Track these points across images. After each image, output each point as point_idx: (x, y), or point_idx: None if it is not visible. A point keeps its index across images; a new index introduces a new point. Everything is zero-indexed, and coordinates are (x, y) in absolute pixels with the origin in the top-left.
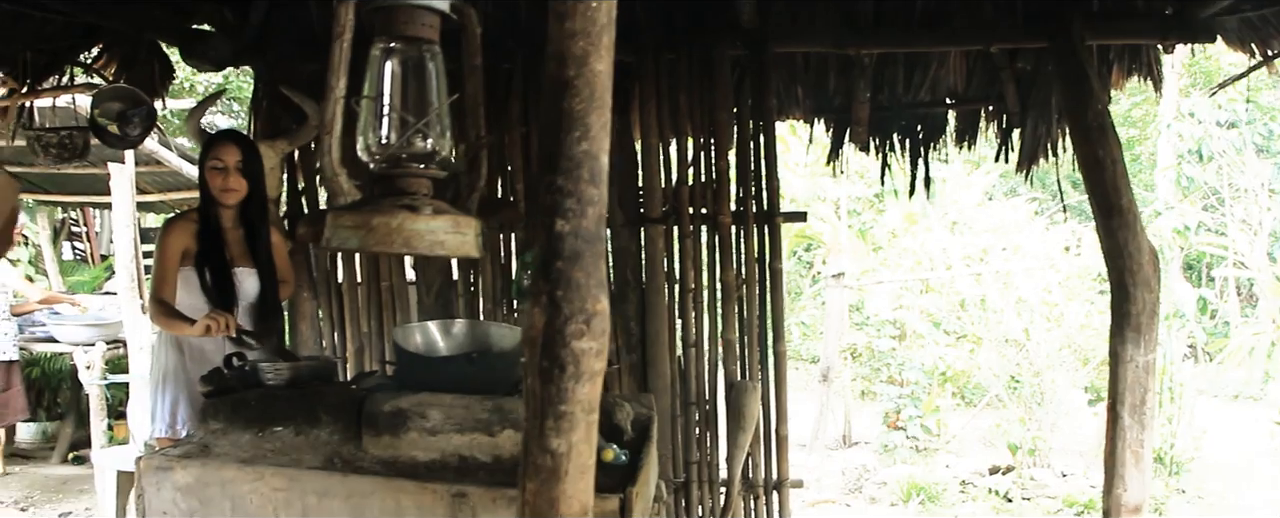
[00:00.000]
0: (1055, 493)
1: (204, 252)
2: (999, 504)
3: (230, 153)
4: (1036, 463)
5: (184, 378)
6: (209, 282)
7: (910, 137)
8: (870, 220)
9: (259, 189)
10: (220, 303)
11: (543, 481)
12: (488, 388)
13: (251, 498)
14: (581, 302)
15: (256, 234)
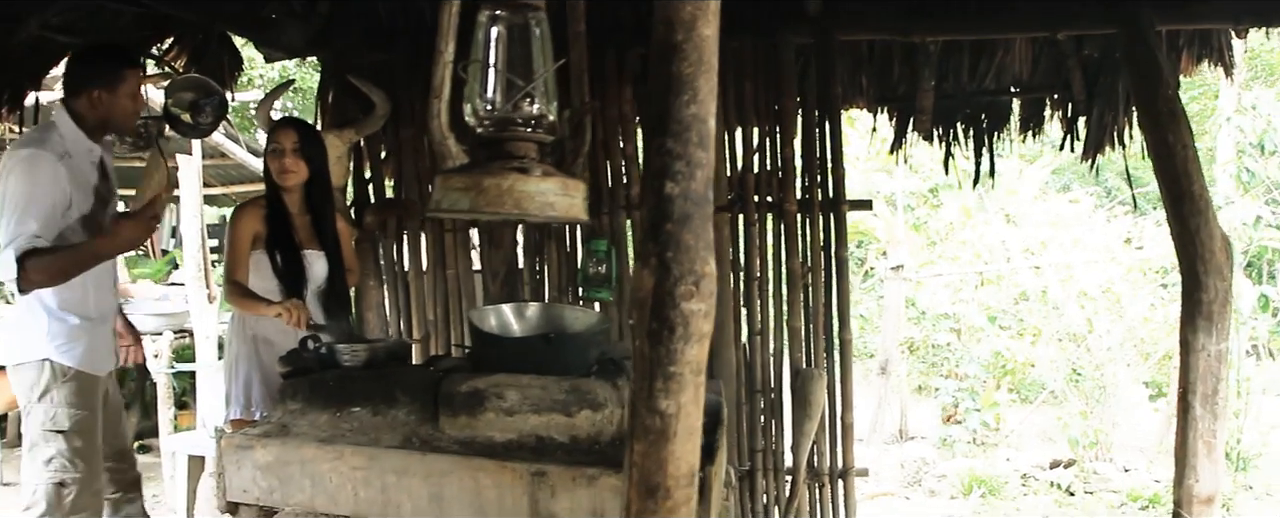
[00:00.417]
0: (1119, 488)
1: (273, 235)
2: (1061, 498)
3: (287, 136)
4: (1098, 457)
5: (256, 361)
6: (280, 265)
7: (974, 125)
8: (925, 215)
9: (320, 173)
10: (291, 285)
11: (651, 442)
12: (563, 369)
13: (330, 477)
14: (690, 263)
15: (321, 217)
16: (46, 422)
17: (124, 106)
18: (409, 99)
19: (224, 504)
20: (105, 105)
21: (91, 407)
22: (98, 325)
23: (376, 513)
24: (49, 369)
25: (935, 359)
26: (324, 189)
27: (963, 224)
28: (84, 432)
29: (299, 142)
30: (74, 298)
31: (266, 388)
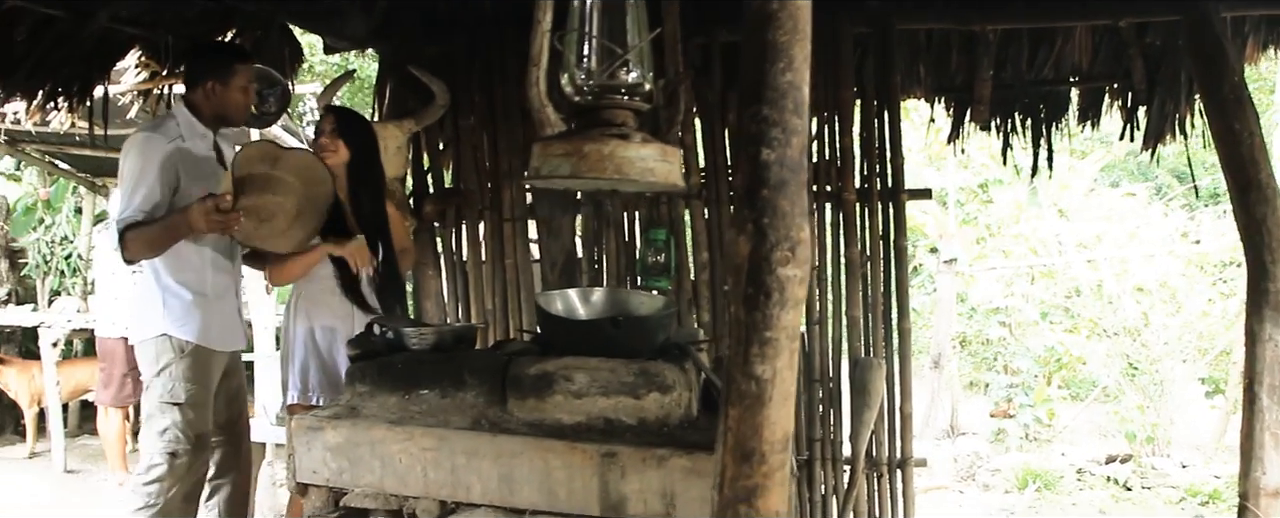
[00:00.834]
0: (1177, 483)
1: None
2: (1118, 494)
3: (327, 120)
4: (1155, 453)
5: (313, 346)
6: None
7: (1032, 116)
8: (975, 211)
9: (362, 157)
10: (346, 266)
11: (747, 407)
12: (630, 353)
13: (400, 458)
14: (786, 229)
15: (365, 200)
16: (164, 394)
17: (236, 99)
18: (468, 90)
19: (294, 486)
20: (218, 97)
21: (206, 382)
22: (214, 303)
23: (446, 494)
24: (167, 344)
25: (987, 354)
26: (367, 173)
27: (1015, 219)
28: (197, 405)
29: (337, 124)
30: (190, 275)
31: (324, 374)
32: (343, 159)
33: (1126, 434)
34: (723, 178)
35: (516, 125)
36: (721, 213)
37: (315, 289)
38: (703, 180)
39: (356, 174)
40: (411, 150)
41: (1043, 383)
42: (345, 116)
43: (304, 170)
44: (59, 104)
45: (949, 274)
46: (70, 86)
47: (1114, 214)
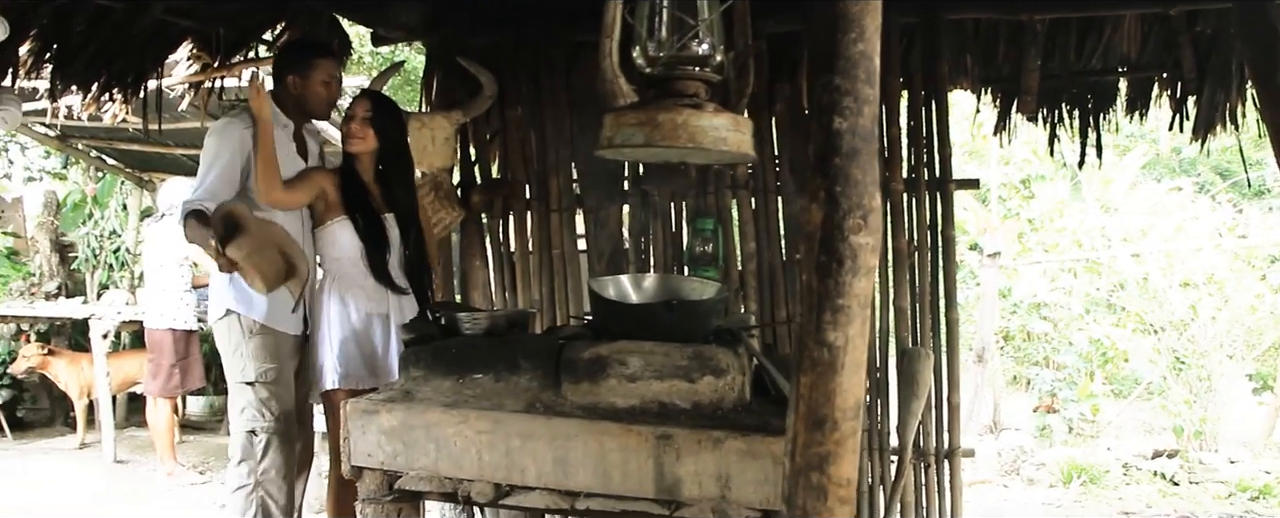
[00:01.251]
0: (1226, 478)
1: (349, 200)
2: (1164, 488)
3: (361, 104)
4: (1203, 448)
5: (349, 329)
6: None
7: (1079, 106)
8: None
9: (392, 145)
10: (375, 249)
11: (819, 374)
12: (683, 337)
13: (455, 440)
14: (858, 197)
15: (393, 184)
16: (237, 373)
17: (316, 92)
18: (515, 81)
19: (348, 469)
20: (299, 91)
21: (277, 361)
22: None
23: (500, 477)
24: (236, 323)
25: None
26: (397, 160)
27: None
28: (270, 383)
29: (372, 112)
30: None
31: (362, 358)
32: (370, 148)
33: (1174, 429)
34: (770, 168)
35: (564, 116)
36: (768, 203)
37: (348, 272)
38: (750, 171)
39: (387, 162)
40: (459, 141)
41: (1087, 378)
42: (380, 105)
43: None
44: (113, 95)
45: (992, 268)
46: (124, 78)
47: (1160, 208)
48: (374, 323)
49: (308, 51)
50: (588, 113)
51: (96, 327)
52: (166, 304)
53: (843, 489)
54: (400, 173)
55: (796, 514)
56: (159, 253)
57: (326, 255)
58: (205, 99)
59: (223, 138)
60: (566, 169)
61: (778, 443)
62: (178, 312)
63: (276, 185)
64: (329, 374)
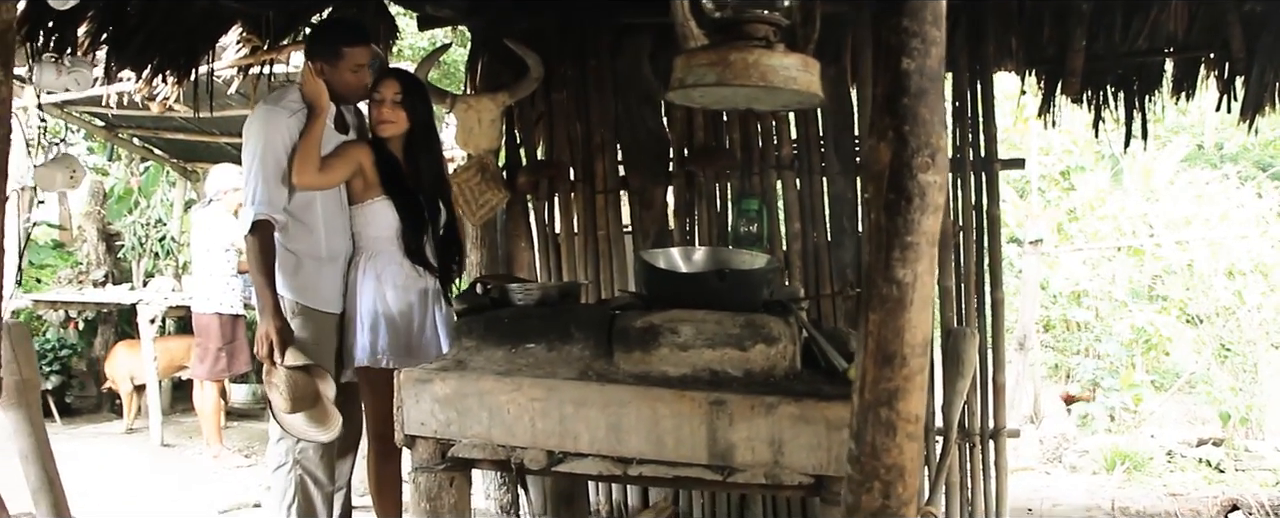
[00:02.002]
0: (1272, 466)
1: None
2: (1210, 475)
3: (389, 86)
4: (1249, 435)
5: (383, 306)
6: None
7: (1125, 88)
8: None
9: (422, 124)
10: (413, 228)
11: (888, 311)
12: (735, 306)
13: (508, 408)
14: (927, 136)
15: (423, 163)
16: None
17: (345, 79)
18: (560, 64)
19: (401, 438)
20: (328, 76)
21: (317, 342)
22: (326, 264)
23: (553, 444)
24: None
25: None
26: (427, 141)
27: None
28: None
29: (403, 93)
30: (305, 241)
31: (393, 337)
32: (402, 130)
33: (1220, 415)
34: (815, 149)
35: (608, 98)
36: (813, 184)
37: (385, 250)
38: (794, 151)
39: (417, 143)
40: (505, 123)
41: (1129, 368)
42: (410, 87)
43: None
44: (165, 78)
45: (1034, 255)
46: (176, 60)
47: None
48: (410, 301)
49: (336, 38)
50: (632, 95)
51: (144, 312)
52: (213, 289)
53: (911, 425)
54: (428, 151)
55: (866, 450)
56: (206, 239)
57: (363, 234)
58: (254, 84)
59: (267, 129)
60: (611, 151)
61: (831, 408)
62: (224, 296)
63: (310, 171)
64: (361, 351)
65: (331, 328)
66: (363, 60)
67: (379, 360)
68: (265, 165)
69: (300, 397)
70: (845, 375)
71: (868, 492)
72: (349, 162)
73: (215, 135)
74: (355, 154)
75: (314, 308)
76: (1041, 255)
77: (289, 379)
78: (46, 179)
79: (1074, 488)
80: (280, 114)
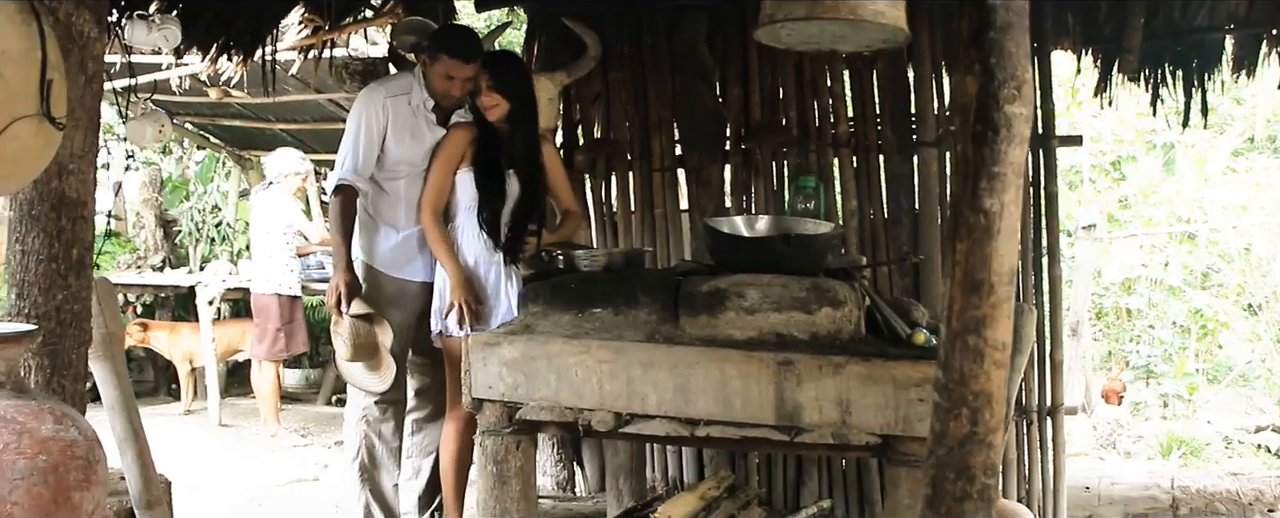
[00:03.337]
0: None
1: (477, 153)
2: (1269, 462)
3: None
4: None
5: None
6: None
7: (1183, 66)
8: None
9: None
10: (486, 201)
11: (975, 240)
12: (800, 270)
13: (576, 370)
14: (1013, 69)
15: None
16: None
17: (437, 81)
18: (618, 43)
19: (469, 401)
20: (426, 70)
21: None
22: (404, 234)
23: (621, 406)
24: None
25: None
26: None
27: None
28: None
29: (492, 78)
30: (385, 211)
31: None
32: (503, 112)
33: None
34: (872, 126)
35: (666, 77)
36: (870, 160)
37: (463, 221)
38: (851, 128)
39: (514, 121)
40: (562, 102)
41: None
42: (497, 67)
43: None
44: (231, 56)
45: (1087, 241)
46: (241, 40)
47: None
48: (485, 273)
49: (442, 43)
50: (689, 73)
51: (202, 294)
52: (273, 270)
53: (999, 353)
54: (521, 128)
55: (954, 378)
56: (266, 220)
57: (452, 202)
58: (315, 67)
59: (359, 111)
60: (669, 129)
61: (899, 368)
62: (283, 277)
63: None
64: (435, 318)
65: (400, 294)
66: (454, 73)
67: (451, 329)
68: (356, 139)
69: (360, 345)
70: (910, 341)
71: (955, 418)
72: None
73: (271, 122)
74: (456, 147)
75: (385, 272)
76: (1094, 242)
77: (351, 327)
78: (137, 133)
79: (1131, 470)
80: (378, 95)
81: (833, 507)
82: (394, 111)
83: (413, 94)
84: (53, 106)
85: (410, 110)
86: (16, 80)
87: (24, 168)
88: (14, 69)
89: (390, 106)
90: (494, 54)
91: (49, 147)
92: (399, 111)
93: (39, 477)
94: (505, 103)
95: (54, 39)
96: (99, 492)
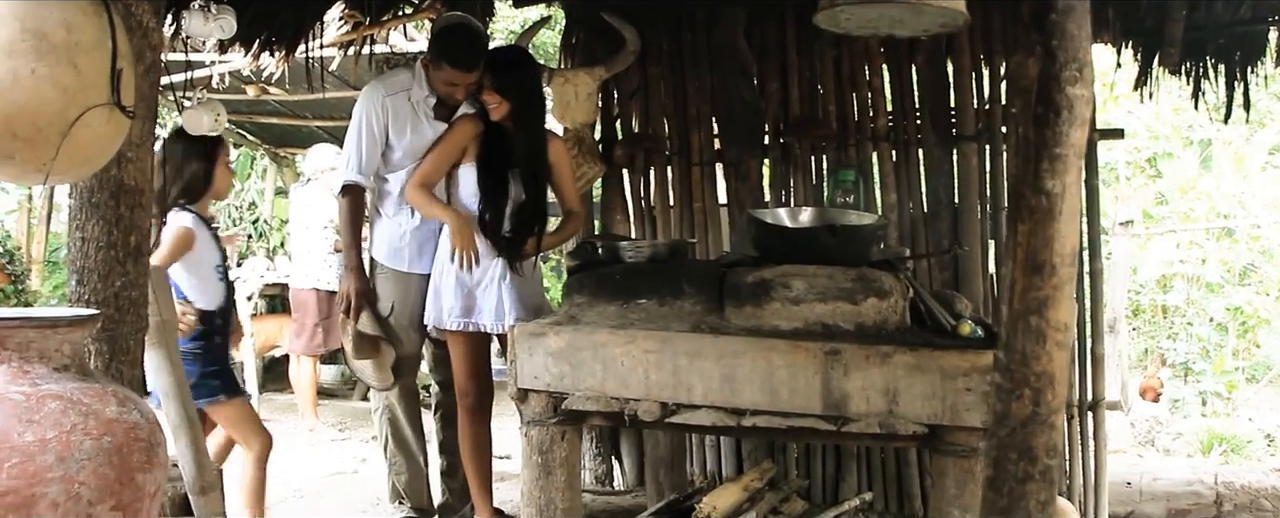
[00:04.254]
0: None
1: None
2: None
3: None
4: None
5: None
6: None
7: (1226, 59)
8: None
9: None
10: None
11: (1037, 221)
12: (845, 261)
13: (622, 360)
14: (1075, 51)
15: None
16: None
17: (439, 85)
18: (656, 38)
19: (514, 392)
20: (430, 72)
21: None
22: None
23: (667, 396)
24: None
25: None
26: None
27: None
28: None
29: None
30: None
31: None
32: (505, 111)
33: None
34: (911, 120)
35: (704, 71)
36: (909, 155)
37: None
38: (890, 122)
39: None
40: (600, 97)
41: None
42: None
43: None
44: (273, 51)
45: (1124, 237)
46: (284, 34)
47: None
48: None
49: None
50: (728, 68)
51: (241, 289)
52: (311, 265)
53: (1060, 334)
54: (524, 128)
55: (1016, 358)
56: (305, 216)
57: (450, 194)
58: (354, 63)
59: (361, 109)
60: (707, 123)
61: (946, 357)
62: (322, 272)
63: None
64: (430, 312)
65: (416, 288)
66: (454, 80)
67: (443, 322)
68: (358, 138)
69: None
70: (955, 332)
71: (1017, 399)
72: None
73: (307, 119)
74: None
75: (398, 269)
76: (1132, 238)
77: (355, 338)
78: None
79: (1173, 466)
80: (377, 94)
81: (873, 501)
82: (394, 109)
83: (412, 90)
84: (123, 95)
85: (410, 106)
86: (89, 70)
87: (96, 155)
88: (87, 59)
89: (389, 104)
90: (497, 51)
91: (119, 134)
92: (399, 108)
93: (104, 458)
94: (506, 103)
95: (123, 29)
96: (160, 474)
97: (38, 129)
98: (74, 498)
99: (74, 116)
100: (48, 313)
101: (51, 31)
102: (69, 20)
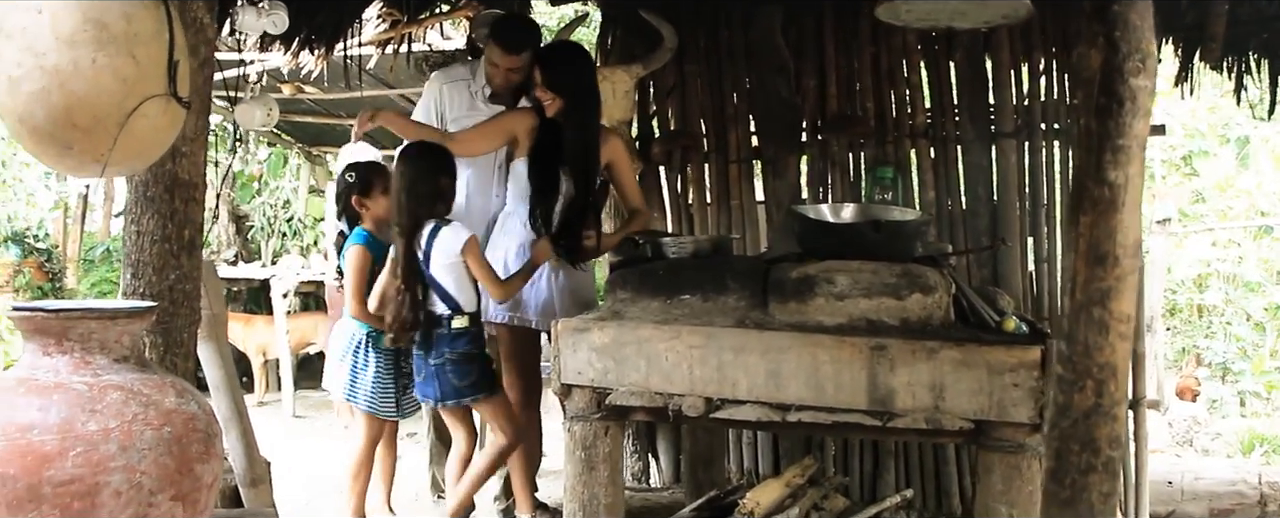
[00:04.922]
0: None
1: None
2: None
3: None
4: None
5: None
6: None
7: (1269, 55)
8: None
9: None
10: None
11: (1100, 212)
12: (889, 257)
13: (666, 355)
14: (1138, 41)
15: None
16: None
17: (488, 66)
18: (693, 35)
19: (558, 387)
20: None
21: None
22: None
23: (711, 391)
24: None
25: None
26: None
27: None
28: None
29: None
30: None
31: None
32: (557, 107)
33: None
34: (950, 117)
35: (742, 69)
36: (948, 152)
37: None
38: (928, 119)
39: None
40: (637, 94)
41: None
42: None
43: None
44: (312, 49)
45: (1161, 235)
46: (323, 32)
47: None
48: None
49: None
50: (765, 65)
51: (277, 287)
52: None
53: (1123, 325)
54: (575, 124)
55: (1078, 349)
56: None
57: (507, 187)
58: (391, 63)
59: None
60: (744, 121)
61: (993, 353)
62: None
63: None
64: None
65: None
66: (500, 63)
67: (489, 315)
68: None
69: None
70: (1000, 328)
71: (1080, 391)
72: (496, 131)
73: (342, 118)
74: (508, 124)
75: None
76: (1169, 236)
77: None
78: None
79: (1214, 466)
80: (437, 82)
81: (913, 498)
82: (452, 96)
83: (471, 81)
84: (179, 87)
85: (468, 95)
86: (147, 61)
87: (152, 146)
88: (144, 50)
89: (447, 92)
90: (552, 47)
91: (175, 125)
92: (457, 96)
93: (164, 448)
94: (558, 99)
95: (179, 21)
96: (217, 465)
97: (97, 119)
98: (136, 487)
99: (132, 107)
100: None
101: (112, 22)
102: (129, 11)
